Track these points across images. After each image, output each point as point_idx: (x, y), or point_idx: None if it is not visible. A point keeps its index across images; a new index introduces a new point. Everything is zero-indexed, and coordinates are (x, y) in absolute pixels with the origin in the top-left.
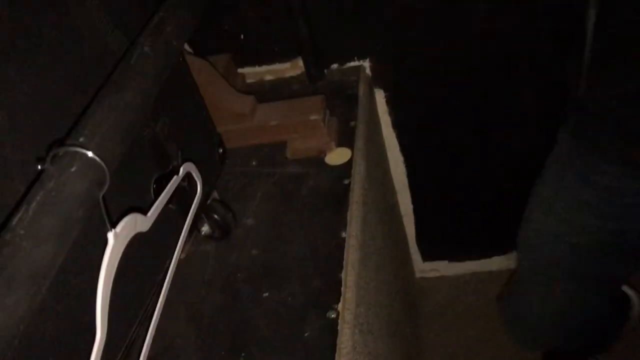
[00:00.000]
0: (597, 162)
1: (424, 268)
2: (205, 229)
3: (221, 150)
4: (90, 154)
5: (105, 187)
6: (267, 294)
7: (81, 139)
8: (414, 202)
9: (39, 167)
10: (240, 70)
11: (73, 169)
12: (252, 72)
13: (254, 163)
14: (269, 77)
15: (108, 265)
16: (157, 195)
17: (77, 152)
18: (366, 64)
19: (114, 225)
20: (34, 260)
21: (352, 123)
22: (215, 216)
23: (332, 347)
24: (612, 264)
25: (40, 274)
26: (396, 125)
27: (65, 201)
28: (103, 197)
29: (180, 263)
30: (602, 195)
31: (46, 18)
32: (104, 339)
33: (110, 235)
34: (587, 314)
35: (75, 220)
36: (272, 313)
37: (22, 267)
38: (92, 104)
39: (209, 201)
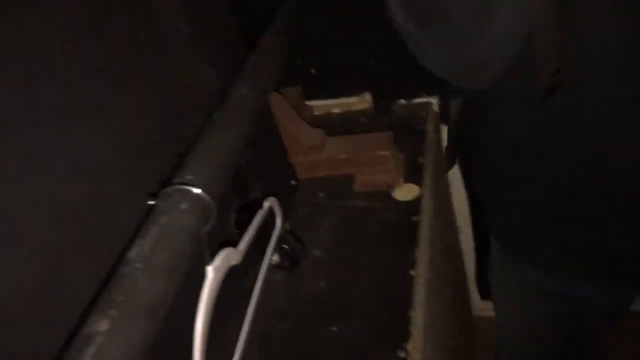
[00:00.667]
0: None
1: (482, 307)
2: (275, 258)
3: (294, 182)
4: (199, 191)
5: (211, 223)
6: (335, 328)
7: (189, 177)
8: (476, 239)
9: (151, 202)
10: (308, 102)
11: (183, 206)
12: (320, 105)
13: (321, 195)
14: (336, 110)
15: (207, 300)
16: (238, 226)
17: (186, 190)
18: (434, 100)
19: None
20: (152, 294)
21: (420, 159)
22: (286, 246)
23: None
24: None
25: (156, 308)
26: (461, 162)
27: (177, 236)
28: (208, 232)
29: (249, 290)
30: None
31: (151, 61)
32: None
33: (209, 269)
34: None
35: (186, 255)
36: (340, 347)
37: (141, 301)
38: (196, 143)
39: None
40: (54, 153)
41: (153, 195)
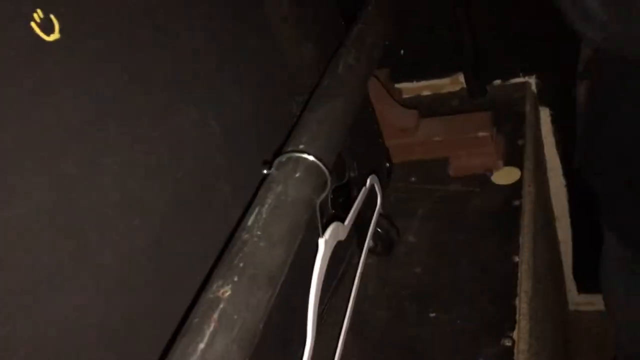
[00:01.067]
0: None
1: (578, 301)
2: (369, 243)
3: (388, 164)
4: (312, 158)
5: (325, 193)
6: (434, 314)
7: (301, 146)
8: (573, 229)
9: (265, 171)
10: (397, 85)
11: (297, 175)
12: (409, 88)
13: (413, 179)
14: (426, 93)
15: (320, 271)
16: (334, 206)
17: (300, 158)
18: (532, 80)
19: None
20: (271, 262)
21: (520, 141)
22: (380, 230)
23: None
24: None
25: (275, 275)
26: (561, 146)
27: (292, 205)
28: (320, 203)
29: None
30: None
31: (257, 39)
32: (313, 343)
33: (322, 242)
34: None
35: (301, 224)
36: (441, 334)
37: (262, 268)
38: (304, 113)
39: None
40: (168, 128)
41: (268, 164)
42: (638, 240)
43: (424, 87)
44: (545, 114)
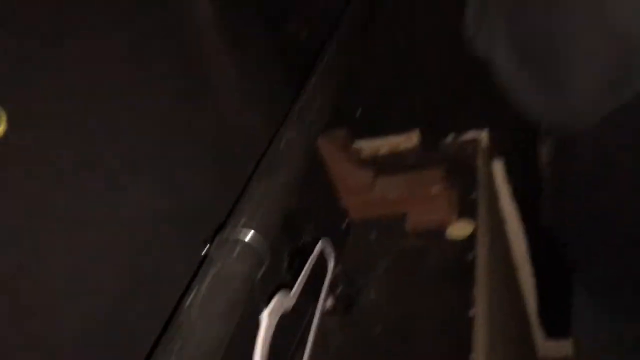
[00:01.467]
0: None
1: (547, 346)
2: (328, 303)
3: (345, 224)
4: (251, 238)
5: (263, 269)
6: None
7: (241, 226)
8: (536, 276)
9: (204, 251)
10: (356, 144)
11: (236, 254)
12: (366, 147)
13: (372, 236)
14: (384, 150)
15: (263, 345)
16: (290, 270)
17: (239, 237)
18: (484, 133)
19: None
20: (208, 340)
21: (473, 195)
22: (339, 290)
23: None
24: None
25: (212, 353)
26: (517, 195)
27: (231, 283)
28: (260, 279)
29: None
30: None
31: (202, 109)
32: None
33: (265, 315)
34: None
35: (239, 301)
36: None
37: (198, 346)
38: (246, 189)
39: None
40: (115, 205)
41: (207, 242)
42: (602, 290)
43: (381, 145)
44: (498, 166)
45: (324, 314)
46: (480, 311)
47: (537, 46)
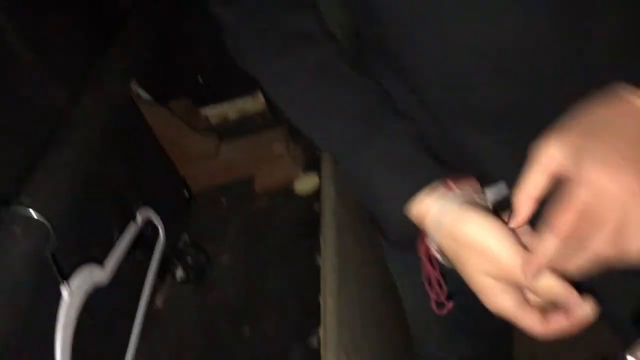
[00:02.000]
0: None
1: None
2: (179, 274)
3: (187, 193)
4: (33, 214)
5: (52, 244)
6: (248, 331)
7: (24, 199)
8: None
9: None
10: (203, 111)
11: (17, 231)
12: (215, 112)
13: (223, 201)
14: (232, 116)
15: (65, 320)
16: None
17: (20, 214)
18: None
19: (67, 277)
20: None
21: (318, 150)
22: (188, 260)
23: None
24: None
25: None
26: None
27: (12, 262)
28: (53, 254)
29: (158, 311)
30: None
31: None
32: None
33: (65, 290)
34: None
35: (25, 279)
36: (254, 348)
37: None
38: (35, 162)
39: (180, 245)
40: None
41: None
42: None
43: (229, 110)
44: None
45: (178, 286)
46: (327, 257)
47: None
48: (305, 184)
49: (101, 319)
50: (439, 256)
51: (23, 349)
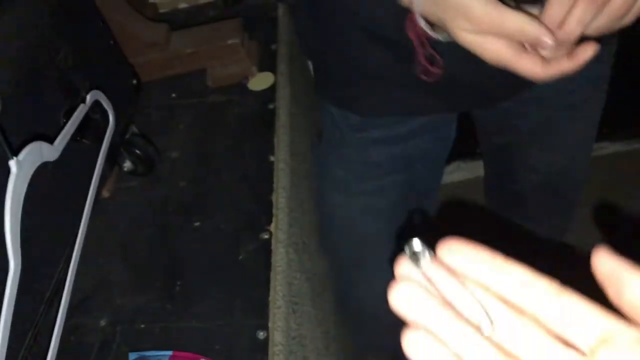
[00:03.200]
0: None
1: None
2: (127, 164)
3: (135, 81)
4: None
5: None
6: (198, 224)
7: None
8: None
9: None
10: None
11: None
12: (164, 2)
13: (173, 95)
14: (182, 5)
15: (14, 194)
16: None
17: None
18: None
19: (16, 153)
20: None
21: (274, 46)
22: (137, 151)
23: (267, 266)
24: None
25: None
26: None
27: None
28: (1, 126)
29: (106, 201)
30: (381, 150)
31: None
32: (19, 271)
33: (13, 163)
34: None
35: None
36: (205, 241)
37: None
38: None
39: (127, 136)
40: None
41: None
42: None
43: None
44: None
45: (125, 177)
46: (280, 156)
47: None
48: (260, 82)
49: (48, 201)
50: (427, 29)
51: None
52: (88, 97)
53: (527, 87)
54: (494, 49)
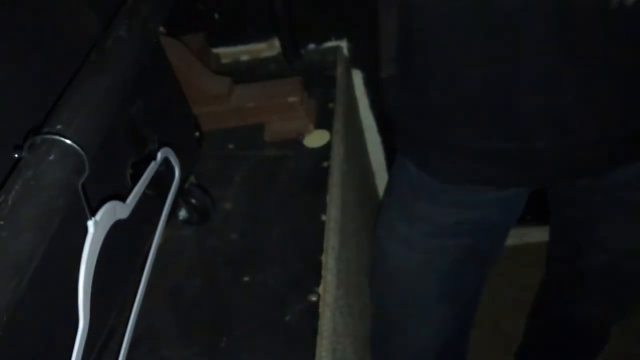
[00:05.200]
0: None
1: None
2: (182, 213)
3: (198, 134)
4: (68, 141)
5: (85, 175)
6: (247, 278)
7: (58, 127)
8: None
9: (16, 155)
10: (215, 50)
11: (51, 157)
12: (227, 53)
13: (231, 146)
14: (244, 58)
15: (89, 254)
16: (133, 181)
17: (54, 140)
18: (344, 44)
19: (93, 213)
20: (15, 251)
21: (331, 105)
22: (193, 201)
23: (314, 330)
24: (475, 279)
25: (21, 264)
26: (375, 106)
27: (44, 190)
28: (83, 185)
29: (158, 248)
30: (452, 213)
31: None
32: (87, 329)
33: (91, 224)
34: (461, 335)
35: (55, 209)
36: (252, 297)
37: (2, 258)
38: (68, 89)
39: (186, 185)
40: None
41: (19, 148)
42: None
43: (242, 52)
44: (358, 77)
45: (180, 226)
46: (332, 215)
47: None
48: (316, 139)
49: (111, 255)
50: None
51: (45, 281)
52: (159, 155)
53: (611, 168)
54: None
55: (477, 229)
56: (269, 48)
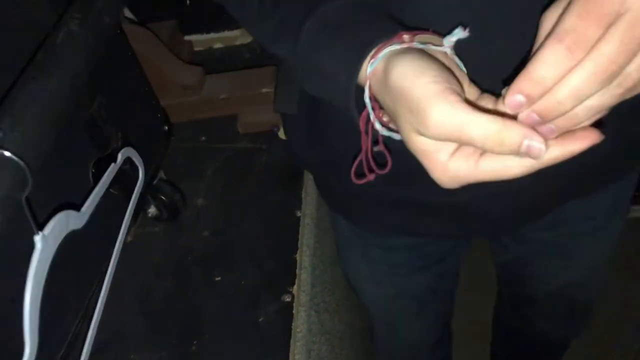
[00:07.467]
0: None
1: None
2: (151, 210)
3: (166, 127)
4: (7, 153)
5: (28, 189)
6: (219, 278)
7: None
8: None
9: None
10: (187, 37)
11: None
12: (200, 40)
13: (202, 139)
14: (218, 45)
15: (36, 272)
16: (96, 181)
17: None
18: None
19: (41, 227)
20: None
21: None
22: (162, 197)
23: (287, 332)
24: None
25: None
26: None
27: None
28: (27, 198)
29: (126, 246)
30: (406, 254)
31: None
32: (34, 354)
33: (38, 239)
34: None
35: None
36: (224, 298)
37: None
38: (10, 94)
39: (155, 182)
40: None
41: None
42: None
43: (215, 40)
44: None
45: (149, 222)
46: (307, 211)
47: None
48: None
49: (71, 255)
50: (377, 124)
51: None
52: (119, 156)
53: (545, 214)
54: (448, 165)
55: (440, 260)
56: (243, 36)
